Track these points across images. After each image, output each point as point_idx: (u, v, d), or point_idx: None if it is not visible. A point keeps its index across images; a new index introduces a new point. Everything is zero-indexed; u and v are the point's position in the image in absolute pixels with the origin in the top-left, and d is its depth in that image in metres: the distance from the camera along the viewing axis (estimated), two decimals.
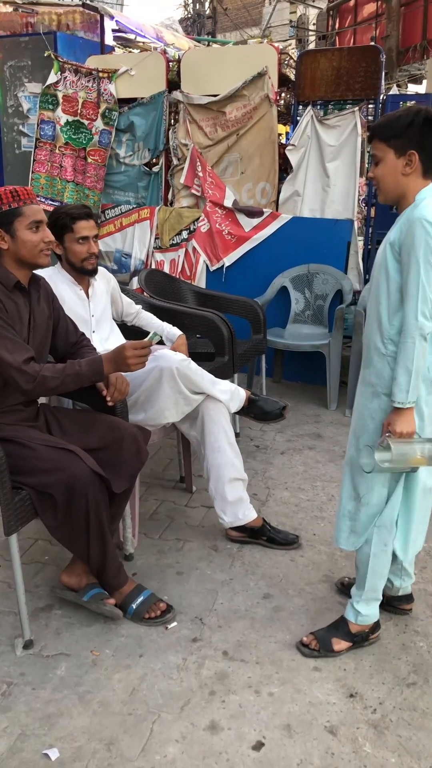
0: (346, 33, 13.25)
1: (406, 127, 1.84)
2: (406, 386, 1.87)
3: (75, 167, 5.16)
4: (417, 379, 1.87)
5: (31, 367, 2.11)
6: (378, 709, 1.93)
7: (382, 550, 2.06)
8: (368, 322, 2.03)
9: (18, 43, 5.27)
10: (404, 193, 1.91)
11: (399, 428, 1.91)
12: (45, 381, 2.13)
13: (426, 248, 1.80)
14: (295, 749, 1.79)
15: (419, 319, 1.83)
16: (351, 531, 2.15)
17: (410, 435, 1.91)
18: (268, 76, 4.48)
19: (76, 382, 2.21)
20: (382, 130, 1.89)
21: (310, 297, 4.53)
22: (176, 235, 4.91)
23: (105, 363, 2.23)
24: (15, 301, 2.19)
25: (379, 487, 2.05)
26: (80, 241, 2.68)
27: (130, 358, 2.21)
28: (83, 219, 2.67)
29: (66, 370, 2.18)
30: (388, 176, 1.91)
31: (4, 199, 2.13)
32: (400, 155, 1.87)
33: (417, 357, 1.85)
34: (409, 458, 1.91)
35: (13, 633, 2.20)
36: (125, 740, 1.80)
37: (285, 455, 3.60)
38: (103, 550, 2.20)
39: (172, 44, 6.05)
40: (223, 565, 2.61)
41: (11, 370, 2.09)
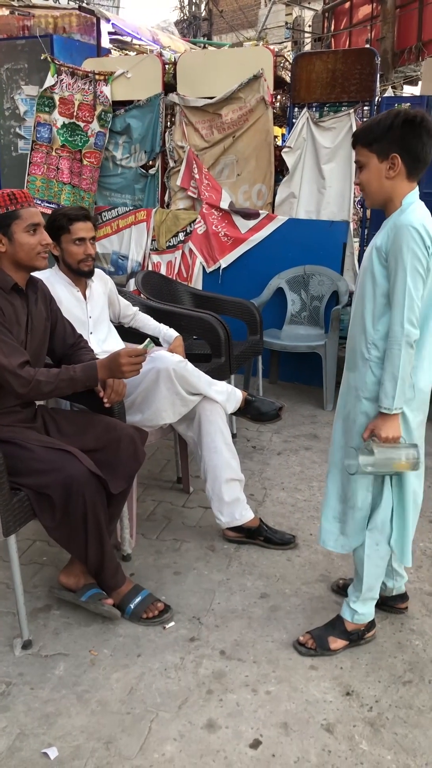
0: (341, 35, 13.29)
1: (386, 131, 1.84)
2: (392, 393, 1.88)
3: (71, 169, 5.17)
4: (404, 385, 1.88)
5: (26, 371, 2.12)
6: (374, 707, 1.94)
7: (375, 551, 2.07)
8: (352, 325, 2.04)
9: (15, 46, 5.29)
10: (390, 196, 1.91)
11: (384, 433, 1.92)
12: (39, 385, 2.15)
13: (412, 256, 1.80)
14: (292, 747, 1.80)
15: (405, 326, 1.83)
16: (340, 533, 2.16)
17: (395, 440, 1.92)
18: (264, 78, 4.51)
19: (70, 387, 2.23)
20: (364, 135, 1.90)
21: (306, 298, 4.55)
22: (173, 237, 4.92)
23: (99, 369, 2.25)
24: (12, 303, 2.20)
25: (363, 491, 2.07)
26: (77, 243, 2.70)
27: (125, 366, 2.23)
28: (80, 220, 2.69)
29: (60, 375, 2.19)
30: (373, 181, 1.92)
31: (1, 202, 2.14)
32: (383, 159, 1.87)
33: (403, 364, 1.86)
34: (393, 463, 1.93)
35: (12, 633, 2.21)
36: (123, 739, 1.82)
37: (281, 456, 3.62)
38: (100, 551, 2.21)
39: (168, 47, 6.06)
40: (221, 565, 2.62)
41: (6, 374, 2.10)
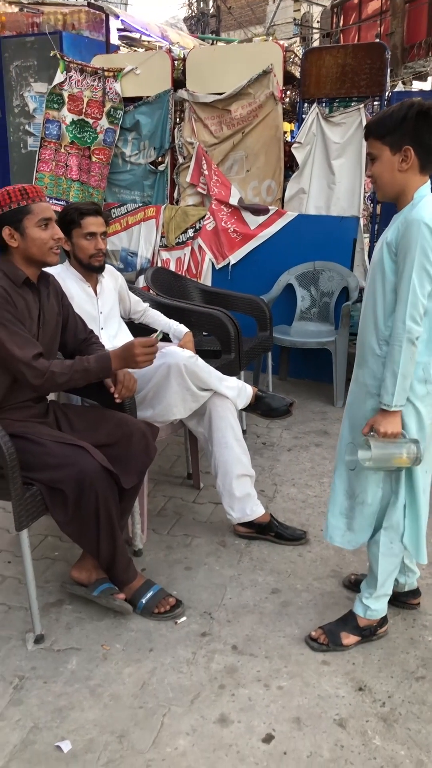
0: (350, 30, 13.24)
1: (399, 123, 1.82)
2: (392, 389, 1.87)
3: (80, 166, 5.18)
4: (405, 382, 1.87)
5: (40, 363, 2.13)
6: (387, 703, 1.94)
7: (389, 549, 2.06)
8: (363, 321, 2.02)
9: (24, 43, 5.30)
10: (402, 189, 1.89)
11: (383, 429, 1.91)
12: (54, 376, 2.15)
13: (421, 252, 1.78)
14: (304, 742, 1.80)
15: (407, 323, 1.82)
16: (347, 529, 2.15)
17: (395, 436, 1.91)
18: (274, 74, 4.49)
19: (84, 378, 2.23)
20: (376, 128, 1.88)
21: (316, 294, 4.54)
22: (182, 233, 4.92)
23: (113, 359, 2.25)
24: (24, 298, 2.21)
25: (373, 487, 2.06)
26: (88, 237, 2.70)
27: (139, 356, 2.23)
28: (91, 215, 2.69)
29: (74, 366, 2.19)
30: (385, 174, 1.89)
31: (13, 197, 2.15)
32: (396, 152, 1.85)
33: (404, 361, 1.84)
34: (392, 458, 1.92)
35: (24, 628, 2.22)
36: (136, 733, 1.82)
37: (292, 452, 3.61)
38: (112, 546, 2.21)
39: (177, 43, 6.06)
40: (232, 560, 2.62)
41: (21, 366, 2.11)
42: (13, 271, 2.20)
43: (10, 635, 2.20)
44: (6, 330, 2.10)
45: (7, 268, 2.20)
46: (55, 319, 2.36)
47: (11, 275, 2.19)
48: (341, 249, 4.47)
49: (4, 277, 2.18)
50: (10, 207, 2.15)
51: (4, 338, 2.09)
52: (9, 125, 5.53)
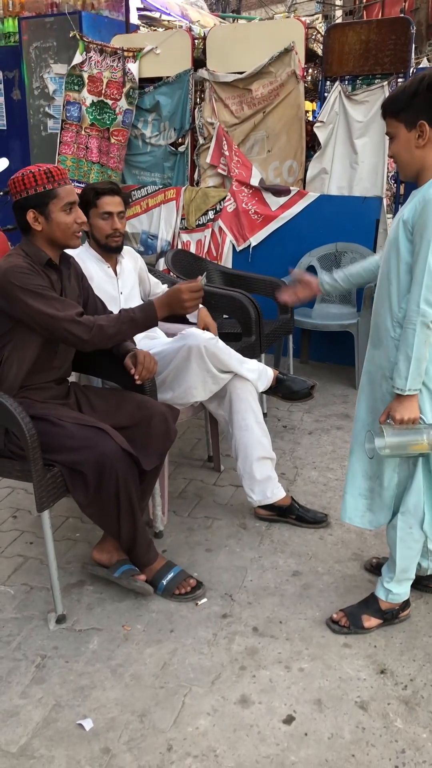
0: (373, 7, 12.96)
1: (411, 98, 1.77)
2: (405, 373, 1.82)
3: (100, 148, 5.15)
4: (419, 366, 1.82)
5: (86, 318, 2.14)
6: (409, 686, 1.93)
7: (409, 534, 2.03)
8: (378, 301, 1.97)
9: (43, 24, 5.26)
10: (422, 166, 1.83)
11: (399, 415, 1.87)
12: (102, 329, 2.15)
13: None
14: (326, 723, 1.80)
15: (422, 306, 1.76)
16: (367, 509, 2.13)
17: (412, 421, 1.87)
18: (295, 51, 4.41)
19: (131, 328, 2.23)
20: (391, 105, 1.83)
21: None
22: (202, 215, 4.88)
23: (158, 307, 2.24)
24: (48, 276, 2.20)
25: (390, 472, 2.03)
26: (104, 217, 2.68)
27: (187, 301, 2.23)
28: (107, 194, 2.67)
29: (121, 318, 2.20)
30: (403, 152, 1.84)
31: (39, 180, 2.13)
32: (411, 128, 1.79)
33: (418, 344, 1.79)
34: (409, 445, 1.87)
35: (46, 608, 2.24)
36: (157, 712, 1.83)
37: (313, 435, 3.59)
38: (133, 527, 2.22)
39: (197, 22, 5.97)
40: (252, 542, 2.62)
41: (66, 324, 2.10)
42: (35, 252, 2.19)
43: (32, 615, 2.22)
44: (41, 297, 2.10)
45: (30, 250, 2.20)
46: (76, 301, 2.35)
47: (34, 256, 2.18)
48: (364, 230, 4.40)
49: (27, 259, 2.17)
50: (35, 190, 2.13)
51: (41, 305, 2.09)
52: (29, 107, 5.52)
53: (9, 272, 2.09)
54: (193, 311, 2.30)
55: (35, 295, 2.09)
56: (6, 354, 2.20)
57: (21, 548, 2.59)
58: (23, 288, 2.08)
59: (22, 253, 2.18)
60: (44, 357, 2.24)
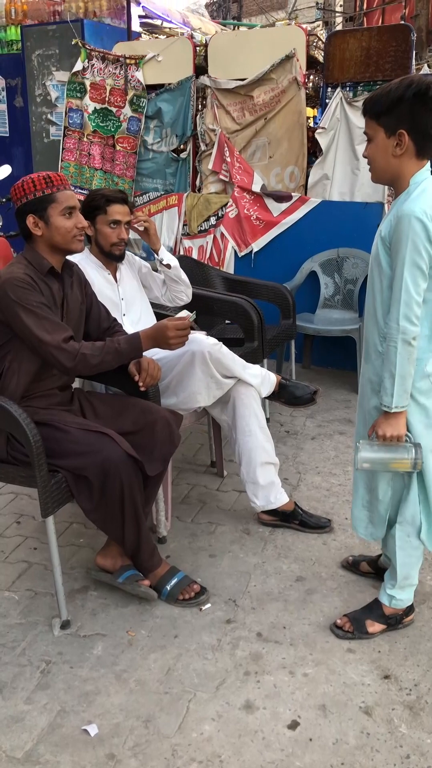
0: (374, 14, 13.02)
1: (395, 103, 1.69)
2: (391, 390, 1.81)
3: (103, 155, 5.17)
4: (404, 384, 1.80)
5: (71, 345, 2.13)
6: (413, 691, 1.93)
7: (407, 542, 2.04)
8: (366, 316, 1.96)
9: (46, 32, 5.29)
10: (397, 175, 1.78)
11: (382, 431, 1.86)
12: (85, 358, 2.15)
13: (412, 248, 1.69)
14: (330, 729, 1.80)
15: (401, 323, 1.74)
16: (369, 521, 2.14)
17: (397, 438, 1.86)
18: (296, 58, 4.44)
19: (115, 359, 2.23)
20: (372, 106, 1.75)
21: (340, 281, 4.50)
22: (204, 221, 4.90)
23: (144, 340, 2.26)
24: (49, 286, 2.21)
25: (384, 485, 2.04)
26: (112, 225, 2.70)
27: (172, 338, 2.25)
28: (118, 203, 2.69)
29: (105, 348, 2.20)
30: (379, 157, 1.78)
31: (38, 186, 2.15)
32: (390, 134, 1.73)
33: (400, 361, 1.77)
34: (390, 462, 1.87)
35: (51, 613, 2.25)
36: (162, 718, 1.83)
37: (316, 440, 3.59)
38: (137, 532, 2.22)
39: (199, 29, 6.01)
40: (256, 548, 2.62)
41: (51, 349, 2.11)
42: (37, 260, 2.20)
43: (37, 620, 2.22)
44: (34, 316, 2.10)
45: (32, 257, 2.21)
46: (79, 308, 2.37)
47: (36, 264, 2.20)
48: (365, 235, 4.40)
49: (29, 266, 2.18)
50: (35, 195, 2.15)
51: (32, 324, 2.10)
52: (31, 114, 5.54)
53: (8, 284, 2.10)
54: (177, 348, 2.33)
55: (28, 312, 2.10)
56: (6, 365, 2.20)
57: (25, 554, 2.60)
58: (18, 303, 2.09)
59: (24, 262, 2.19)
60: (46, 366, 2.24)
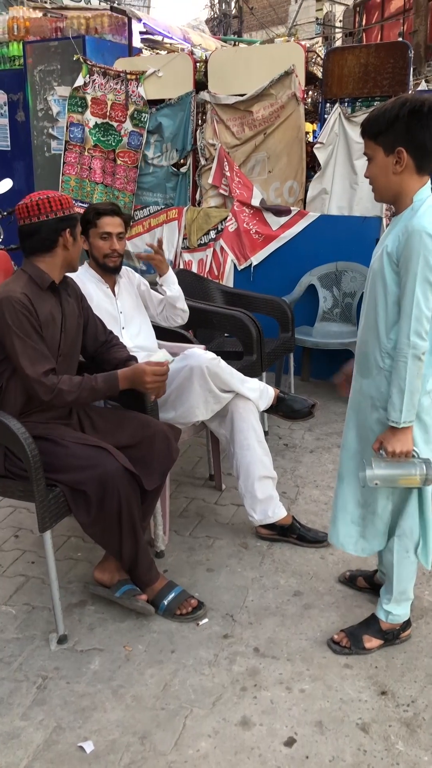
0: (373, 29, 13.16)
1: (391, 122, 1.72)
2: (399, 406, 1.81)
3: (104, 169, 5.21)
4: (412, 399, 1.81)
5: (49, 380, 2.14)
6: (410, 707, 1.92)
7: (405, 557, 2.04)
8: (364, 330, 1.95)
9: (48, 48, 5.34)
10: (399, 193, 1.80)
11: (391, 447, 1.86)
12: (62, 394, 2.17)
13: (424, 264, 1.70)
14: (327, 746, 1.79)
15: (412, 338, 1.75)
16: (360, 536, 2.12)
17: (404, 455, 1.86)
18: (296, 74, 4.48)
19: (91, 396, 2.25)
20: (369, 126, 1.78)
21: (339, 295, 4.52)
22: (204, 235, 4.92)
23: (121, 380, 2.28)
24: (48, 302, 2.23)
25: (383, 500, 2.03)
26: (103, 237, 2.71)
27: (149, 383, 2.28)
28: (108, 215, 2.71)
29: (83, 385, 2.21)
30: (380, 176, 1.80)
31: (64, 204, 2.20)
32: (389, 153, 1.75)
33: (410, 377, 1.78)
34: (399, 479, 1.87)
35: (48, 628, 2.24)
36: (158, 734, 1.82)
37: (314, 454, 3.60)
38: (135, 547, 2.22)
39: (199, 45, 6.06)
40: (253, 562, 2.62)
41: (30, 381, 2.13)
42: (39, 274, 2.22)
43: (34, 635, 2.22)
44: (22, 343, 2.12)
45: (33, 272, 2.22)
46: (76, 322, 2.38)
47: (37, 279, 2.21)
48: (364, 249, 4.43)
49: (30, 282, 2.20)
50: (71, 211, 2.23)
51: (19, 351, 2.12)
52: (33, 129, 5.59)
53: (5, 304, 2.12)
54: (153, 393, 2.36)
55: (18, 337, 2.12)
56: (4, 382, 2.22)
57: (23, 568, 2.60)
58: (11, 326, 2.11)
59: (24, 278, 2.21)
60: None
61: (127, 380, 2.28)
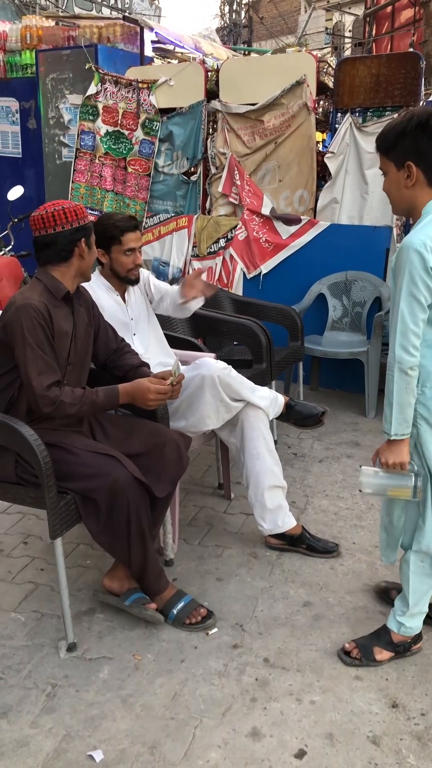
0: (383, 39, 13.18)
1: (399, 137, 1.75)
2: (390, 417, 1.83)
3: (115, 177, 5.23)
4: (403, 412, 1.81)
5: (52, 392, 2.14)
6: (421, 721, 1.91)
7: (420, 569, 2.03)
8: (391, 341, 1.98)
9: (60, 56, 5.38)
10: (412, 205, 1.82)
11: (384, 458, 1.88)
12: (63, 406, 2.17)
13: (409, 279, 1.72)
14: (337, 759, 1.78)
15: (397, 352, 1.77)
16: (387, 545, 2.14)
17: (398, 466, 1.87)
18: (307, 84, 4.49)
19: (92, 410, 2.26)
20: (381, 142, 1.81)
21: (348, 304, 4.52)
22: (214, 243, 4.94)
23: (122, 395, 2.28)
24: (61, 311, 2.23)
25: (398, 510, 2.05)
26: (127, 253, 2.73)
27: (151, 401, 2.29)
28: (131, 231, 2.72)
29: (84, 399, 2.21)
30: (393, 190, 1.84)
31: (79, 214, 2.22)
32: (400, 167, 1.78)
33: (398, 391, 1.79)
34: (389, 489, 1.89)
35: (57, 635, 2.24)
36: (168, 744, 1.82)
37: (323, 463, 3.59)
38: (144, 555, 2.22)
39: (211, 54, 6.09)
40: (263, 572, 2.61)
41: (34, 390, 2.14)
42: (54, 284, 2.23)
43: (43, 643, 2.22)
44: (32, 352, 2.13)
45: (49, 281, 2.23)
46: (86, 331, 2.38)
47: (53, 289, 2.22)
48: (374, 259, 4.44)
49: (45, 291, 2.21)
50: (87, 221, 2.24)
51: (29, 360, 2.13)
52: (44, 136, 5.63)
53: (23, 311, 2.13)
54: (154, 408, 2.37)
55: (29, 346, 2.12)
56: (15, 390, 2.22)
57: (32, 575, 2.60)
58: (25, 334, 2.12)
59: (40, 287, 2.22)
60: None
61: (127, 395, 2.29)
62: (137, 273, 2.80)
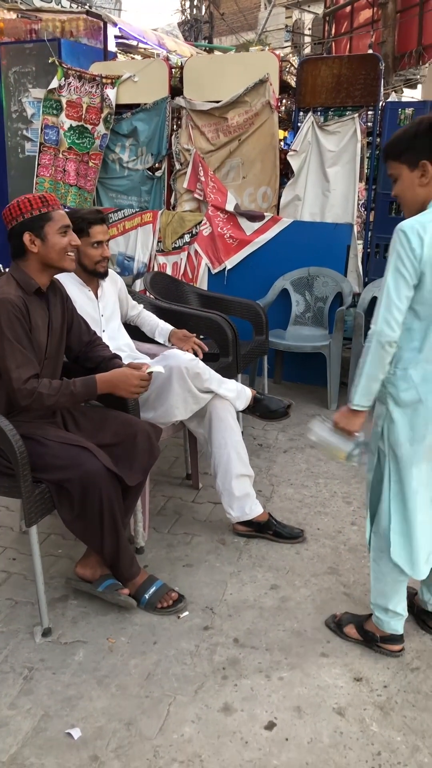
0: (342, 39, 13.38)
1: (412, 140, 1.88)
2: (356, 387, 1.93)
3: (78, 171, 5.25)
4: (369, 385, 1.91)
5: (30, 384, 2.19)
6: (383, 692, 2.02)
7: (380, 556, 2.08)
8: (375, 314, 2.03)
9: (23, 50, 5.36)
10: (426, 203, 1.93)
11: (338, 419, 2.00)
12: (41, 398, 2.21)
13: (396, 257, 1.84)
14: (305, 729, 1.88)
15: (380, 324, 1.86)
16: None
17: (345, 432, 2.00)
18: (270, 82, 4.58)
19: (70, 400, 2.30)
20: (392, 149, 1.94)
21: (311, 299, 4.63)
22: (178, 238, 5.00)
23: (99, 384, 2.32)
24: (36, 305, 2.27)
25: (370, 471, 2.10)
26: (95, 245, 2.78)
27: (135, 387, 2.35)
28: (98, 224, 2.77)
29: (62, 390, 2.26)
30: (407, 191, 1.95)
31: (34, 205, 2.23)
32: (413, 168, 1.90)
33: (371, 361, 1.89)
34: (328, 446, 2.04)
35: (32, 622, 2.29)
36: (143, 720, 1.89)
37: (288, 453, 3.69)
38: (116, 542, 2.28)
39: (174, 51, 6.14)
40: (231, 557, 2.69)
41: (12, 383, 2.18)
42: (25, 279, 2.27)
43: (18, 629, 2.26)
44: (11, 346, 2.17)
45: (20, 277, 2.27)
46: (61, 325, 2.43)
47: (23, 284, 2.26)
48: (335, 255, 4.56)
49: (18, 288, 2.25)
50: (31, 213, 2.23)
51: (7, 354, 2.17)
52: (6, 130, 5.59)
53: (0, 306, 2.16)
54: (134, 397, 2.44)
55: (8, 340, 2.17)
56: None
57: (4, 564, 2.63)
58: (2, 329, 2.16)
59: (13, 282, 2.25)
60: None
61: (107, 384, 2.33)
62: (105, 265, 2.85)
